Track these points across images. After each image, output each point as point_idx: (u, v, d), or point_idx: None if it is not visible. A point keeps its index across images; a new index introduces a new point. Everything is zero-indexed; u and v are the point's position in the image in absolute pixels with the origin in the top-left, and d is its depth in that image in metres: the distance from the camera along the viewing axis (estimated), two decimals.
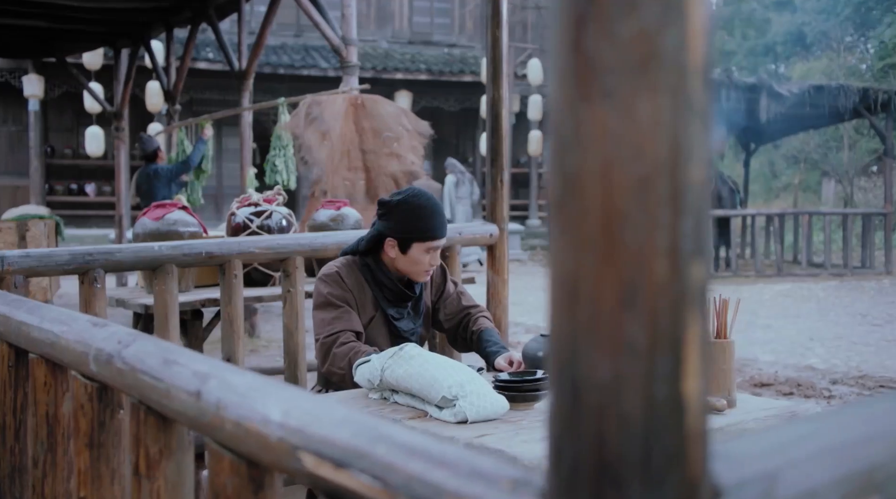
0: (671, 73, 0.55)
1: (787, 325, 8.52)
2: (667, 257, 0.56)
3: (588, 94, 0.57)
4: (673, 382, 0.57)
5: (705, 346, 0.58)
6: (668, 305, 0.56)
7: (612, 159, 0.56)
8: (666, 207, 0.56)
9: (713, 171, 5.92)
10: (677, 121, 0.56)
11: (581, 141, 0.57)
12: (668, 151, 0.56)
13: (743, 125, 14.24)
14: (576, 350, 0.58)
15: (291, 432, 0.91)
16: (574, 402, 0.58)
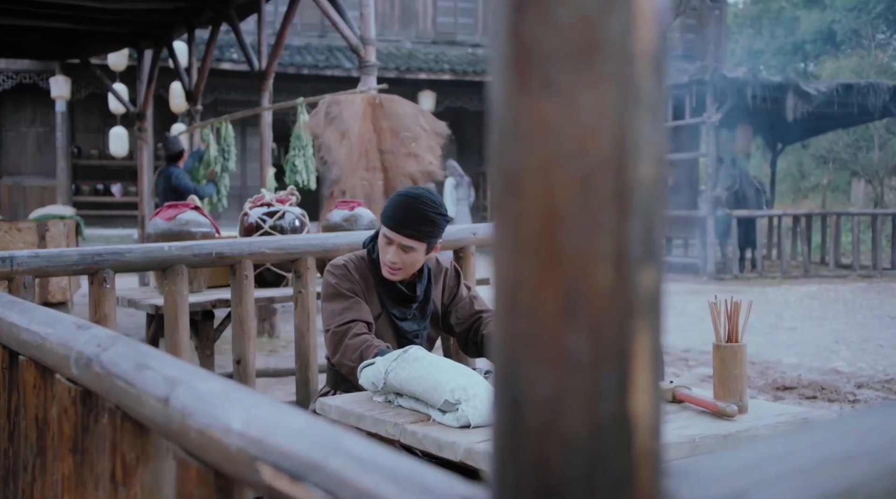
0: (616, 61, 0.51)
1: (812, 327, 8.39)
2: (612, 263, 0.51)
3: (527, 85, 0.52)
4: (619, 398, 0.52)
5: (656, 359, 0.53)
6: (613, 316, 0.52)
7: (552, 156, 0.52)
8: (610, 207, 0.51)
9: (737, 171, 5.92)
10: (623, 113, 0.51)
11: (519, 136, 0.53)
12: (612, 146, 0.51)
13: (769, 125, 14.07)
14: (516, 364, 0.53)
15: (251, 441, 0.88)
16: (515, 420, 0.54)
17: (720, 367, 2.34)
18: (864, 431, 0.73)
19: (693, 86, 12.47)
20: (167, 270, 3.37)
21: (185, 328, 3.43)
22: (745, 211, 12.60)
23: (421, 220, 2.68)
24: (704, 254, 12.40)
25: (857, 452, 0.69)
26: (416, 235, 2.70)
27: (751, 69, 13.30)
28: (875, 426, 0.74)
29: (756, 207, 12.96)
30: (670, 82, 0.44)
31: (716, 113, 12.40)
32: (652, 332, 0.53)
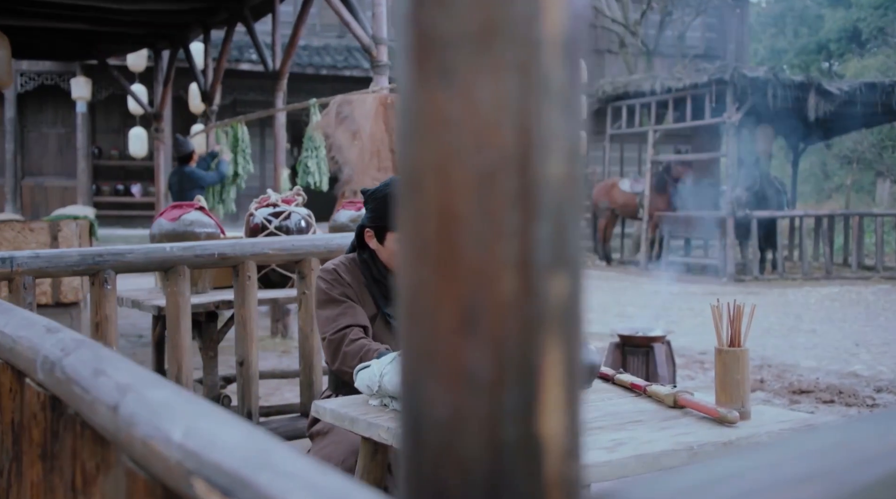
0: (518, 47, 0.46)
1: (832, 329, 8.26)
2: (515, 270, 0.47)
3: (425, 74, 0.47)
4: (526, 419, 0.47)
5: (572, 375, 0.49)
6: (517, 329, 0.47)
7: (450, 152, 0.47)
8: (513, 208, 0.46)
9: (757, 171, 5.79)
10: (528, 105, 0.46)
11: (419, 130, 0.48)
12: (515, 141, 0.46)
13: (791, 125, 13.90)
14: (416, 381, 0.49)
15: (188, 454, 0.83)
16: (415, 442, 0.49)
17: (722, 372, 2.28)
18: (824, 449, 0.68)
19: (713, 85, 12.34)
20: (169, 270, 3.35)
21: (187, 329, 3.40)
22: (766, 212, 12.45)
23: None
24: (724, 255, 12.27)
25: (814, 472, 0.64)
26: None
27: (771, 68, 13.15)
28: (837, 444, 0.68)
29: (776, 207, 12.81)
30: (582, 72, 0.39)
31: (736, 113, 12.26)
32: (564, 346, 0.48)
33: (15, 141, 16.14)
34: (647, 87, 13.62)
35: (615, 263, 14.42)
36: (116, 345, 3.26)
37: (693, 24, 18.48)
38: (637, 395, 2.54)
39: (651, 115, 13.91)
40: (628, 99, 14.11)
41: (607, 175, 15.65)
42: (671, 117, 13.46)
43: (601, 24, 17.78)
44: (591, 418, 2.28)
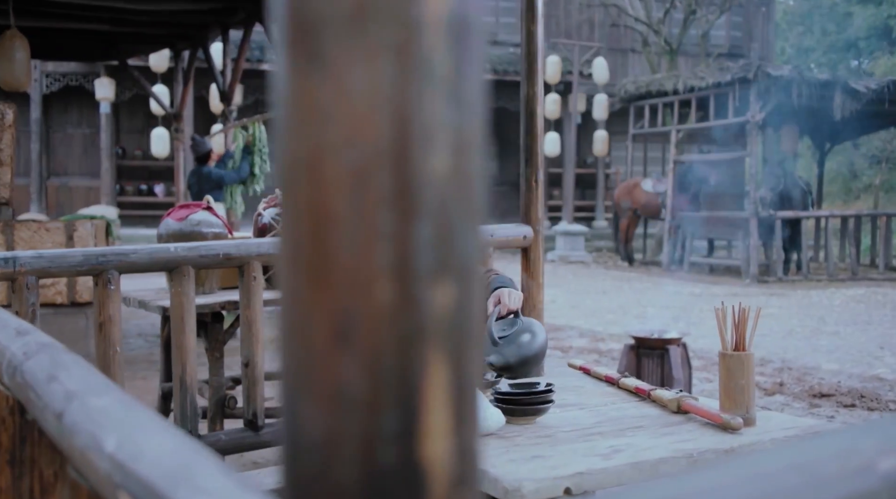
0: (395, 28, 0.41)
1: (856, 331, 8.12)
2: (391, 277, 0.42)
3: (297, 59, 0.43)
4: (406, 443, 0.42)
5: (460, 395, 0.44)
6: (394, 343, 0.42)
7: (322, 145, 0.42)
8: (389, 208, 0.42)
9: (781, 171, 5.67)
10: (405, 92, 0.42)
11: (291, 121, 0.43)
12: (391, 132, 0.42)
13: (816, 124, 13.71)
14: (292, 398, 0.44)
15: (117, 466, 0.79)
16: (291, 465, 0.44)
17: (726, 377, 2.21)
18: (777, 472, 0.62)
19: (736, 84, 12.19)
20: (173, 271, 3.33)
21: (192, 330, 3.38)
22: (790, 212, 12.28)
23: None
24: (747, 256, 12.12)
25: (763, 497, 0.58)
26: None
27: (796, 67, 12.97)
28: (792, 467, 0.63)
29: (801, 208, 12.63)
30: (484, 55, 0.36)
31: (759, 112, 12.11)
32: (450, 361, 0.43)
33: (40, 141, 16.29)
34: (670, 86, 13.48)
35: (637, 264, 14.30)
36: (120, 346, 3.24)
37: (718, 22, 18.28)
38: (641, 399, 2.48)
39: (674, 115, 13.77)
40: (651, 98, 13.98)
41: (630, 175, 15.52)
42: (694, 117, 13.31)
43: (624, 22, 17.65)
44: (591, 423, 2.23)
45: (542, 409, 2.23)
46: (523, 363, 2.54)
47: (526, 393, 2.25)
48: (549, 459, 1.92)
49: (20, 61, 6.98)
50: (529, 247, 4.14)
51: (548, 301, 9.92)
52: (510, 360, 2.52)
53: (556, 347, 7.31)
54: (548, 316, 8.75)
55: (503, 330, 2.58)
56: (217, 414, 3.75)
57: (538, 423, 2.22)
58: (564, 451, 1.99)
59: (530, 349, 2.55)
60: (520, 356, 2.53)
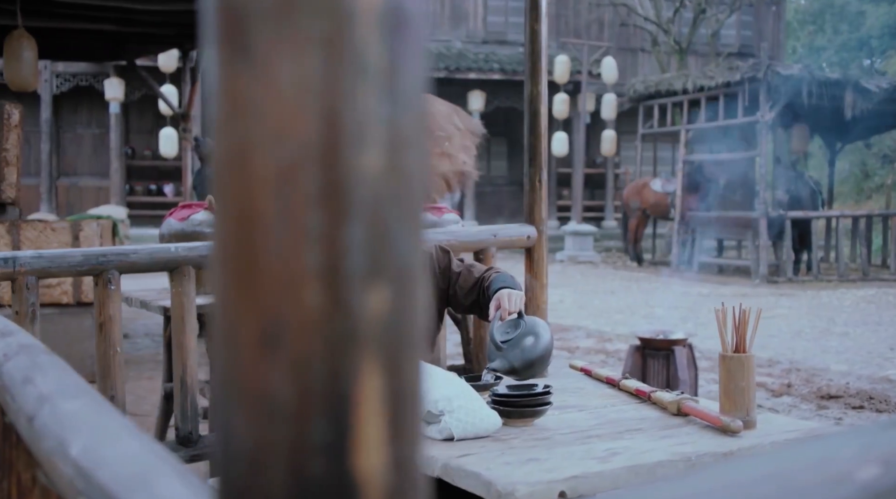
0: (323, 18, 0.39)
1: (866, 332, 8.06)
2: (322, 281, 0.40)
3: (226, 52, 0.41)
4: (336, 454, 0.40)
5: (398, 405, 0.42)
6: (324, 350, 0.40)
7: (250, 142, 0.40)
8: (318, 209, 0.40)
9: (792, 171, 5.60)
10: (335, 86, 0.40)
11: (221, 117, 0.41)
12: (320, 128, 0.40)
13: (827, 124, 13.63)
14: (222, 407, 0.42)
15: (79, 473, 0.78)
16: (224, 476, 0.42)
17: (726, 379, 2.19)
18: (752, 481, 0.60)
19: (746, 84, 12.13)
20: (174, 271, 3.32)
21: (193, 330, 3.37)
22: (800, 212, 12.21)
23: None
24: (756, 256, 12.05)
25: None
26: None
27: (806, 66, 12.90)
28: (767, 476, 0.60)
29: (811, 208, 12.56)
30: (425, 46, 0.35)
31: (769, 112, 12.04)
32: (386, 369, 0.41)
33: (51, 141, 16.35)
34: (679, 85, 13.43)
35: (646, 264, 14.25)
36: (121, 346, 3.24)
37: (728, 21, 18.21)
38: (641, 401, 2.46)
39: (683, 115, 13.71)
40: (660, 98, 13.93)
41: (639, 175, 15.46)
42: (704, 116, 13.25)
43: (634, 22, 17.59)
44: (590, 425, 2.20)
45: (540, 411, 2.21)
46: (528, 367, 2.51)
47: (523, 395, 2.22)
48: (545, 462, 1.90)
49: (27, 61, 6.99)
50: (533, 247, 4.11)
51: (556, 301, 9.93)
52: (515, 364, 2.49)
53: (562, 348, 7.28)
54: (555, 316, 8.73)
55: (506, 333, 2.55)
56: None
57: (536, 425, 2.20)
58: (561, 454, 1.96)
59: (534, 352, 2.51)
60: (524, 360, 2.49)
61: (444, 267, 2.85)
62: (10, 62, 7.02)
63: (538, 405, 2.20)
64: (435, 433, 2.08)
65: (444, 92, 13.21)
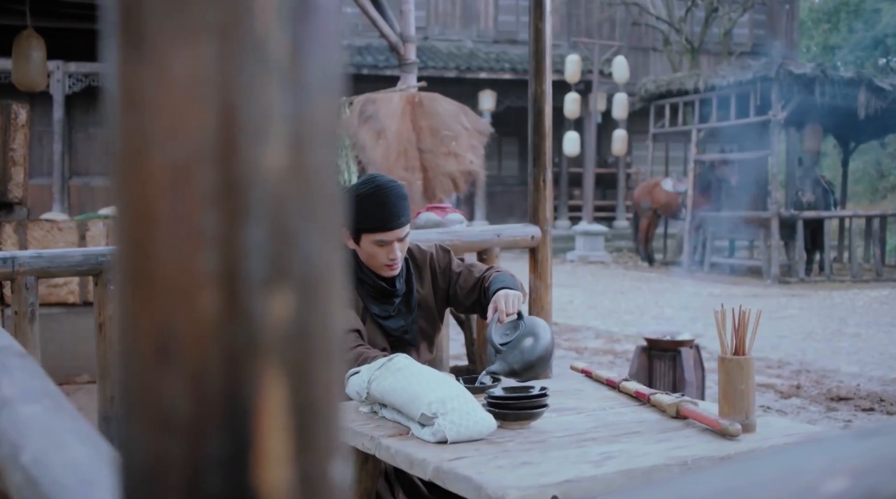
0: (219, 5, 0.37)
1: (878, 333, 7.98)
2: (219, 286, 0.37)
3: (121, 43, 0.38)
4: (235, 470, 0.38)
5: (308, 417, 0.39)
6: (221, 359, 0.38)
7: (143, 139, 0.38)
8: (215, 209, 0.37)
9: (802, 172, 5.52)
10: (233, 79, 0.37)
11: (116, 113, 0.39)
12: (217, 124, 0.37)
13: (840, 123, 13.53)
14: (122, 418, 0.40)
15: (27, 480, 0.76)
16: (122, 492, 0.40)
17: (725, 382, 2.15)
18: (714, 493, 0.57)
19: (758, 83, 12.05)
20: None
21: None
22: (812, 212, 12.12)
23: (404, 203, 2.57)
24: (768, 256, 11.97)
25: None
26: (408, 220, 2.60)
27: (819, 64, 12.80)
28: (725, 491, 0.58)
29: (824, 207, 12.46)
30: (340, 36, 0.34)
31: (781, 111, 11.96)
32: (292, 379, 0.38)
33: (63, 141, 16.42)
34: (691, 85, 13.36)
35: (657, 264, 14.18)
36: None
37: (741, 20, 18.11)
38: (641, 404, 2.42)
39: (695, 114, 13.64)
40: (671, 97, 13.85)
41: (651, 174, 15.40)
42: (715, 116, 13.17)
43: (645, 21, 17.52)
44: (586, 428, 2.17)
45: (536, 413, 2.18)
46: (528, 368, 2.48)
47: (519, 397, 2.19)
48: (539, 465, 1.87)
49: (36, 61, 7.01)
50: (537, 247, 4.08)
51: (565, 301, 9.88)
52: (514, 367, 2.46)
53: (571, 348, 7.24)
54: (565, 316, 8.69)
55: (506, 335, 2.52)
56: None
57: (532, 428, 2.17)
58: (555, 457, 1.93)
59: (534, 353, 2.48)
60: (524, 362, 2.47)
61: (445, 267, 2.83)
62: (18, 62, 7.04)
63: (534, 408, 2.17)
64: (428, 436, 2.05)
65: (455, 91, 13.17)
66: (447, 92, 7.46)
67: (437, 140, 6.17)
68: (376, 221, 2.54)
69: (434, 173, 6.19)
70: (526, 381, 2.45)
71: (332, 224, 0.39)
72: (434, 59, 17.10)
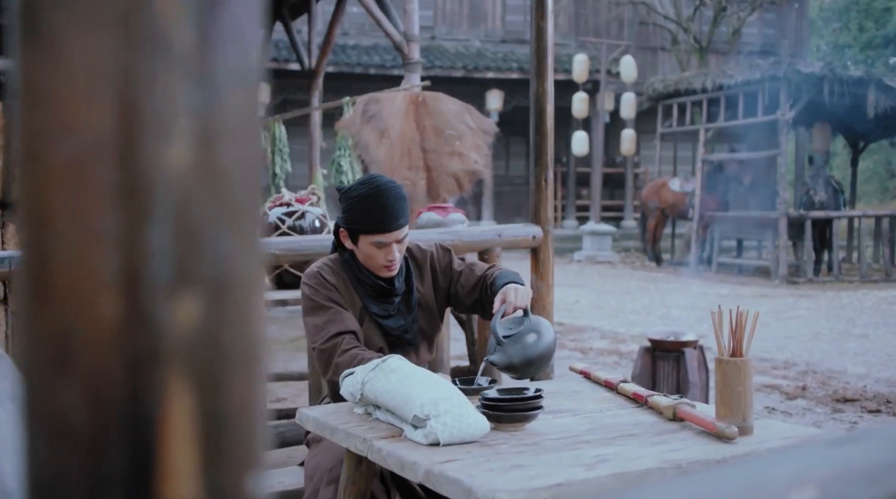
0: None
1: (886, 334, 7.92)
2: (119, 290, 0.35)
3: (21, 33, 0.37)
4: (138, 484, 0.36)
5: (218, 427, 0.37)
6: (124, 366, 0.36)
7: (42, 134, 0.36)
8: (115, 209, 0.35)
9: (813, 170, 5.50)
10: (134, 72, 0.35)
11: (17, 107, 0.37)
12: (116, 119, 0.35)
13: (849, 122, 13.45)
14: (24, 429, 0.38)
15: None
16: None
17: (722, 384, 2.13)
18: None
19: (766, 82, 11.99)
20: None
21: None
22: (820, 212, 12.06)
23: (402, 204, 2.55)
24: (776, 256, 11.91)
25: None
26: (406, 221, 2.57)
27: (828, 64, 12.73)
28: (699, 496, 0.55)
29: (834, 208, 12.39)
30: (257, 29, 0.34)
31: (789, 110, 11.89)
32: (200, 388, 0.36)
33: None
34: (699, 84, 13.30)
35: (665, 265, 14.13)
36: None
37: (749, 20, 18.03)
38: (638, 406, 2.40)
39: (703, 114, 13.58)
40: (679, 97, 13.80)
41: (659, 174, 15.34)
42: (723, 115, 13.12)
43: (653, 20, 17.46)
44: (582, 430, 2.15)
45: (530, 415, 2.15)
46: (528, 364, 2.46)
47: (513, 399, 2.17)
48: (531, 468, 1.85)
49: None
50: (539, 247, 4.05)
51: (572, 301, 9.85)
52: (514, 360, 2.44)
53: (576, 349, 7.21)
54: (570, 316, 8.66)
55: (509, 329, 2.51)
56: None
57: (527, 430, 2.15)
58: (548, 460, 1.91)
59: (535, 350, 2.46)
60: (524, 357, 2.45)
61: (445, 266, 2.81)
62: None
63: (529, 409, 2.15)
64: (421, 438, 2.03)
65: (462, 91, 13.15)
66: (454, 92, 7.44)
67: (440, 139, 6.15)
68: (375, 222, 2.52)
69: (438, 173, 6.17)
70: (522, 377, 2.43)
71: (247, 225, 0.37)
72: (441, 59, 17.08)
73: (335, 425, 2.24)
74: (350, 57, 16.66)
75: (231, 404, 0.37)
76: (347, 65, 16.32)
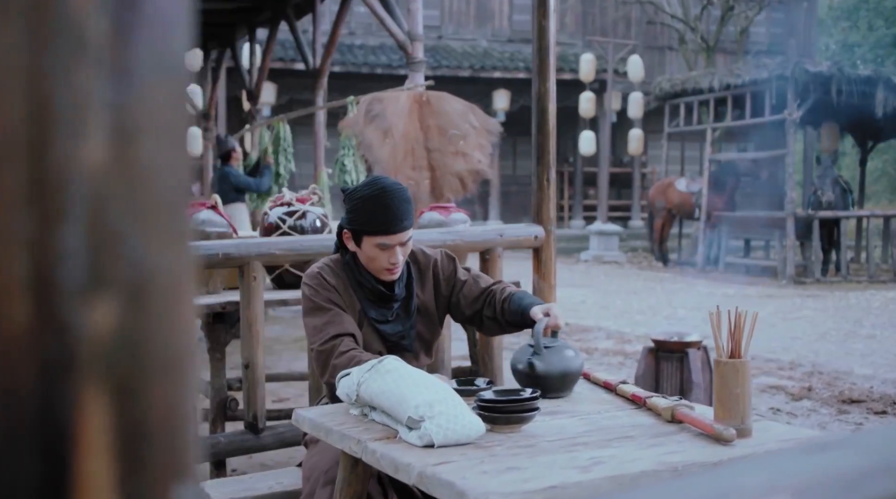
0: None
1: (893, 335, 7.87)
2: (29, 294, 0.34)
3: None
4: (49, 498, 0.34)
5: (137, 438, 0.35)
6: (34, 374, 0.34)
7: None
8: (24, 209, 0.34)
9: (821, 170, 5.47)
10: (44, 64, 0.34)
11: None
12: (25, 114, 0.34)
13: (858, 122, 13.38)
14: None
15: None
16: None
17: (720, 385, 2.10)
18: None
19: (773, 81, 11.93)
20: None
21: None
22: (828, 211, 12.00)
23: (407, 206, 2.53)
24: (783, 256, 11.85)
25: None
26: (410, 223, 2.56)
27: (836, 63, 12.66)
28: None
29: (842, 207, 12.33)
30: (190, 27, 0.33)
31: (797, 110, 11.84)
32: (117, 397, 0.35)
33: None
34: (706, 83, 13.25)
35: (672, 265, 14.08)
36: None
37: (757, 19, 17.96)
38: (637, 407, 2.38)
39: (710, 113, 13.53)
40: (686, 96, 13.75)
41: (666, 174, 15.30)
42: (731, 115, 13.06)
43: (661, 20, 17.41)
44: (578, 432, 2.13)
45: (527, 417, 2.13)
46: (564, 376, 2.48)
47: (509, 401, 2.15)
48: (525, 471, 1.83)
49: None
50: (541, 247, 4.03)
51: (578, 301, 9.82)
52: (552, 370, 2.45)
53: (582, 349, 7.18)
54: (576, 317, 8.64)
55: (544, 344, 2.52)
56: (218, 416, 3.70)
57: (523, 431, 2.13)
58: (543, 462, 1.89)
59: (573, 364, 2.51)
60: (563, 368, 2.48)
61: (449, 274, 2.80)
62: None
63: (525, 411, 2.13)
64: (415, 439, 2.01)
65: (469, 91, 13.14)
66: (461, 91, 7.42)
67: (444, 139, 6.13)
68: (379, 224, 2.50)
69: (442, 173, 6.15)
70: (552, 391, 2.43)
71: (171, 225, 0.36)
72: (448, 59, 17.07)
73: (330, 426, 2.23)
74: (357, 57, 16.66)
75: (152, 414, 0.36)
76: (354, 65, 16.32)
